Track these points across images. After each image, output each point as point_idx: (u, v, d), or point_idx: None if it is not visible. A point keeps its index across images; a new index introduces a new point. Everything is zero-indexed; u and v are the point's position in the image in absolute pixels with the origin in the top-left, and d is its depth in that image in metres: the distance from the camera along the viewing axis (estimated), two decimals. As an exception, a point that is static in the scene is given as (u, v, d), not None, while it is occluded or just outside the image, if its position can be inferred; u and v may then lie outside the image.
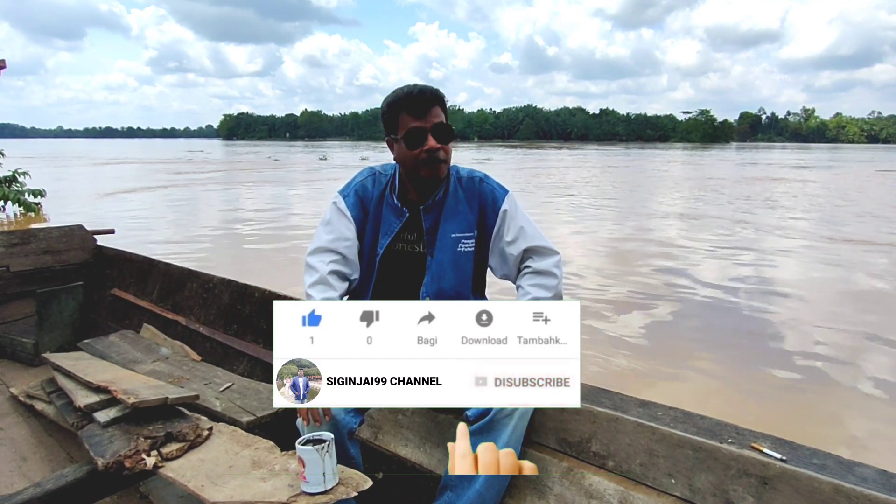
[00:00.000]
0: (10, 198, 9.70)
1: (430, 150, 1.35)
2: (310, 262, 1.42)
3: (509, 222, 1.48)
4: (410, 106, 1.37)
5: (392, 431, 1.66)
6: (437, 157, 1.37)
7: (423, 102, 1.37)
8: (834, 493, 1.00)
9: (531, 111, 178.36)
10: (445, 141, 1.39)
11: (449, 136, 1.39)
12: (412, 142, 1.36)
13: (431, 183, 1.43)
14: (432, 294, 1.46)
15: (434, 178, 1.41)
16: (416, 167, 1.39)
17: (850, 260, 7.40)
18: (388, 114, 1.41)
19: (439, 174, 1.40)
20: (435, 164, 1.37)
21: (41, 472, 1.81)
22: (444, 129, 1.38)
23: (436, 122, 1.37)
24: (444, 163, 1.40)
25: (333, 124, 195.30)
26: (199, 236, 9.06)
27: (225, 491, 1.20)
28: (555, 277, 1.45)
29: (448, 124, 1.40)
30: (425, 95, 1.37)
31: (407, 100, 1.37)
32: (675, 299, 5.47)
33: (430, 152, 1.36)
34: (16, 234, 3.11)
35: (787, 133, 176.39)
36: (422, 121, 1.36)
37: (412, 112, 1.37)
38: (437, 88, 1.40)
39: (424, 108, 1.37)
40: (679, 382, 3.67)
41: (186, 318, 2.69)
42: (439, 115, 1.38)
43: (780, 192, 16.67)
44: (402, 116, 1.38)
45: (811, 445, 1.18)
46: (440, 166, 1.39)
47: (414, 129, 1.36)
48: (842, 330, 4.65)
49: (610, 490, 1.24)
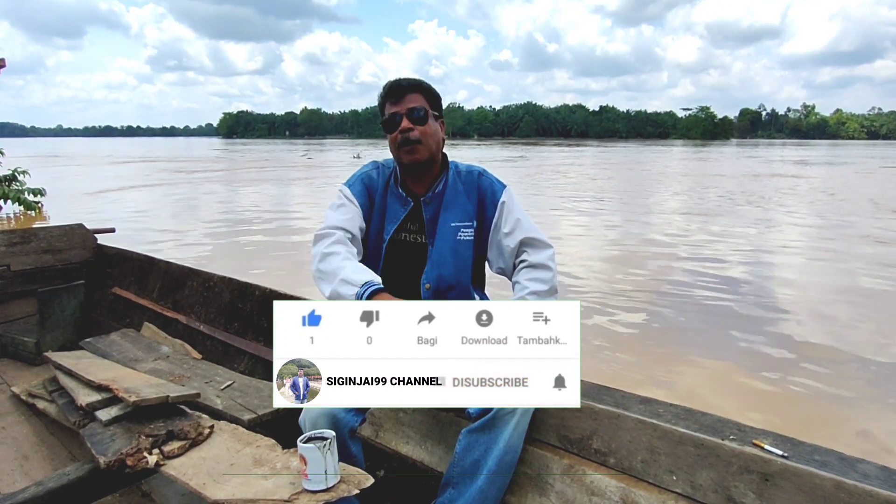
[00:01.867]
0: (11, 196, 9.70)
1: (403, 129, 1.41)
2: (321, 233, 1.41)
3: (507, 215, 1.51)
4: (389, 93, 1.45)
5: (393, 429, 1.66)
6: (409, 137, 1.41)
7: (399, 90, 1.44)
8: (835, 489, 1.00)
9: (531, 108, 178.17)
10: (420, 123, 1.43)
11: (424, 118, 1.43)
12: (389, 125, 1.44)
13: (416, 168, 1.47)
14: (432, 281, 1.48)
15: (415, 163, 1.44)
16: (398, 152, 1.45)
17: (857, 256, 7.40)
18: (379, 107, 1.49)
19: (418, 157, 1.43)
20: (410, 146, 1.42)
21: (43, 470, 1.81)
22: (416, 112, 1.43)
23: (409, 105, 1.43)
24: (420, 143, 1.43)
25: (333, 122, 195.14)
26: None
27: (226, 489, 1.20)
28: (549, 270, 1.48)
29: (422, 108, 1.44)
30: (401, 83, 1.45)
31: (387, 88, 1.46)
32: (675, 298, 5.47)
33: (402, 132, 1.41)
34: (17, 234, 3.11)
35: (786, 129, 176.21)
36: (397, 106, 1.43)
37: (391, 100, 1.45)
38: (420, 79, 1.48)
39: (401, 95, 1.44)
40: (680, 380, 3.67)
41: (187, 317, 2.69)
42: (416, 101, 1.44)
43: (785, 189, 16.64)
44: (385, 105, 1.46)
45: (812, 442, 1.18)
46: (416, 147, 1.43)
47: (390, 114, 1.44)
48: (847, 327, 4.65)
49: (611, 487, 1.24)
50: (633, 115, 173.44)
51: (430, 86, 1.48)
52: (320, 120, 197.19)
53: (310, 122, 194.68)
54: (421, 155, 1.44)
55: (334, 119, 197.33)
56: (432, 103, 1.47)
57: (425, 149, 1.44)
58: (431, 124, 1.45)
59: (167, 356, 2.37)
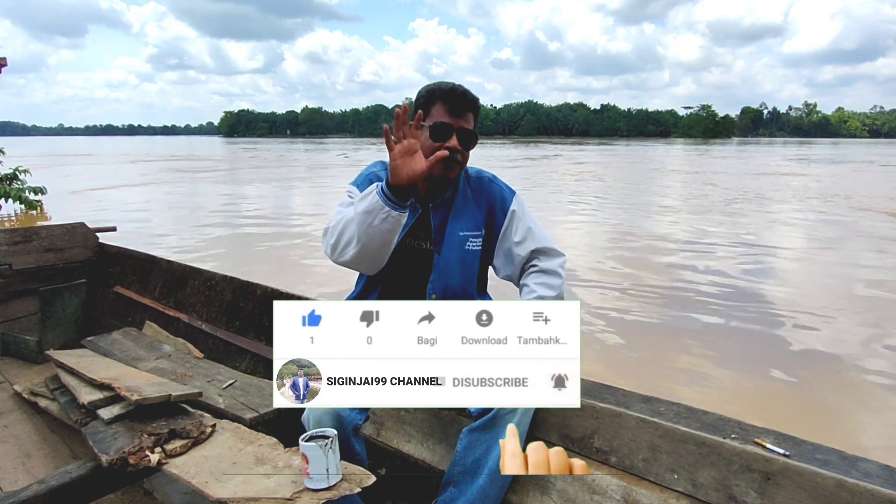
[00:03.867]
0: (12, 195, 9.72)
1: (451, 148, 1.35)
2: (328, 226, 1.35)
3: (517, 223, 1.50)
4: (449, 100, 1.38)
5: (395, 428, 1.66)
6: (455, 158, 1.37)
7: (462, 102, 1.38)
8: (837, 488, 1.00)
9: (532, 107, 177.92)
10: (467, 147, 1.40)
11: (471, 143, 1.41)
12: (438, 134, 1.36)
13: (440, 181, 1.43)
14: (438, 291, 1.46)
15: (443, 177, 1.41)
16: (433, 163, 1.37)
17: (860, 255, 7.39)
18: (425, 99, 1.41)
19: (450, 174, 1.41)
20: (450, 165, 1.38)
21: (45, 468, 1.82)
22: (470, 136, 1.40)
23: (465, 126, 1.38)
24: (459, 165, 1.41)
25: (334, 121, 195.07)
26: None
27: (229, 487, 1.20)
28: (559, 277, 1.48)
29: (475, 133, 1.41)
30: (467, 98, 1.39)
31: (448, 93, 1.39)
32: (676, 295, 5.46)
33: (450, 150, 1.34)
34: (18, 232, 3.11)
35: (788, 128, 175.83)
36: (453, 119, 1.37)
37: (448, 106, 1.38)
38: (478, 99, 1.42)
39: (461, 109, 1.38)
40: (681, 378, 3.67)
41: (189, 316, 2.69)
42: (470, 122, 1.40)
43: (791, 187, 16.50)
44: (437, 106, 1.39)
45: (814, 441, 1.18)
46: (454, 167, 1.40)
47: (443, 123, 1.36)
48: (851, 325, 4.64)
49: (613, 486, 1.24)
50: (635, 113, 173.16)
51: (481, 106, 1.44)
52: (321, 119, 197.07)
53: (311, 121, 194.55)
54: (454, 173, 1.41)
55: (335, 118, 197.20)
56: (476, 124, 1.44)
57: (460, 170, 1.44)
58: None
59: (169, 355, 2.37)
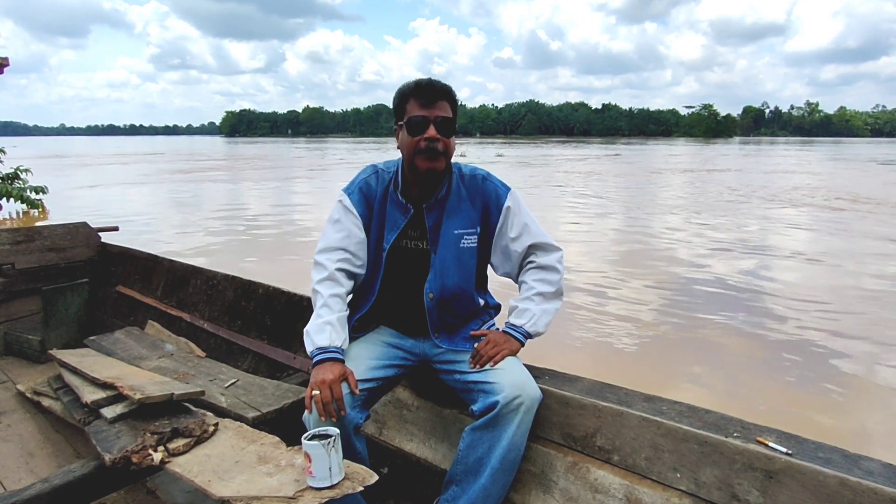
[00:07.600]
0: (13, 195, 9.73)
1: (430, 138, 1.35)
2: (318, 260, 1.44)
3: (513, 219, 1.49)
4: (418, 94, 1.38)
5: (397, 427, 1.67)
6: (436, 147, 1.36)
7: (431, 93, 1.38)
8: (839, 486, 1.00)
9: (533, 106, 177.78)
10: (446, 135, 1.38)
11: (450, 130, 1.39)
12: (414, 129, 1.37)
13: (429, 176, 1.42)
14: (436, 291, 1.45)
15: (431, 171, 1.40)
16: (414, 156, 1.38)
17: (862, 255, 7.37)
18: (398, 101, 1.42)
19: (436, 167, 1.39)
20: (432, 155, 1.37)
21: (48, 467, 1.82)
22: (447, 123, 1.38)
23: (440, 114, 1.37)
24: (443, 156, 1.39)
25: (335, 120, 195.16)
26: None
27: (231, 486, 1.20)
28: (557, 272, 1.49)
29: (452, 119, 1.40)
30: (435, 87, 1.38)
31: (416, 88, 1.39)
32: (677, 295, 5.46)
33: (428, 141, 1.35)
34: (21, 232, 3.12)
35: (790, 127, 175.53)
36: (426, 110, 1.37)
37: (419, 100, 1.38)
38: (449, 86, 1.41)
39: (431, 99, 1.37)
40: (682, 377, 3.67)
41: (191, 315, 2.69)
42: (445, 110, 1.39)
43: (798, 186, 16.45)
44: (409, 103, 1.39)
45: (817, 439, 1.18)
46: (438, 159, 1.38)
47: (417, 117, 1.37)
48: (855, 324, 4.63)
49: (615, 484, 1.24)
50: (636, 112, 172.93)
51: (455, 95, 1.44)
52: (322, 118, 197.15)
53: (312, 121, 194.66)
54: (439, 165, 1.40)
55: (336, 117, 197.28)
56: (455, 111, 1.43)
57: (445, 161, 1.42)
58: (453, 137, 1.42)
59: (171, 354, 2.37)
